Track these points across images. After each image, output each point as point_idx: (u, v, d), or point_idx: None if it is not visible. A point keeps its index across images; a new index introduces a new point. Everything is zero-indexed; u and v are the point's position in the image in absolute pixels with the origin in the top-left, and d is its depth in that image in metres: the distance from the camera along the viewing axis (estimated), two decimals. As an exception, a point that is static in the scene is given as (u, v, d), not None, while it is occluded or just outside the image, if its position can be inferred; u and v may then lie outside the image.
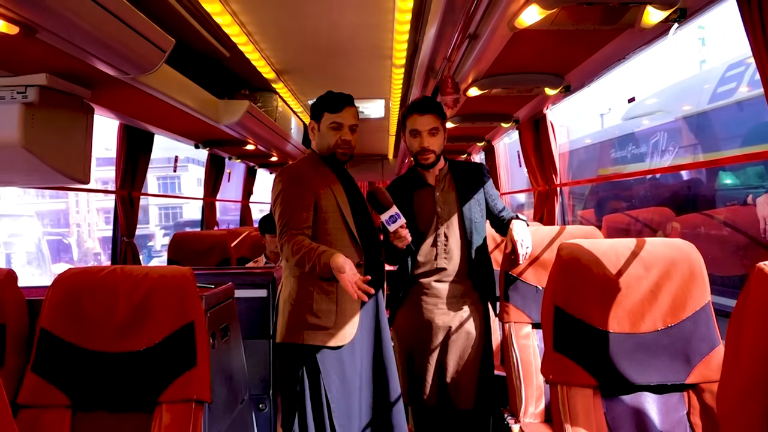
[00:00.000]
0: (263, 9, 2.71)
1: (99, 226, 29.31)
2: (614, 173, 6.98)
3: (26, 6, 1.54)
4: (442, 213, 2.55)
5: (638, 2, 1.63)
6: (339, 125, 2.34)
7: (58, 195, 27.49)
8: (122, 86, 2.45)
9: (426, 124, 2.47)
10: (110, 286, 1.87)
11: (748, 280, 0.98)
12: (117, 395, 1.80)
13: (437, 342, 2.55)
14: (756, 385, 0.93)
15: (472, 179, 2.60)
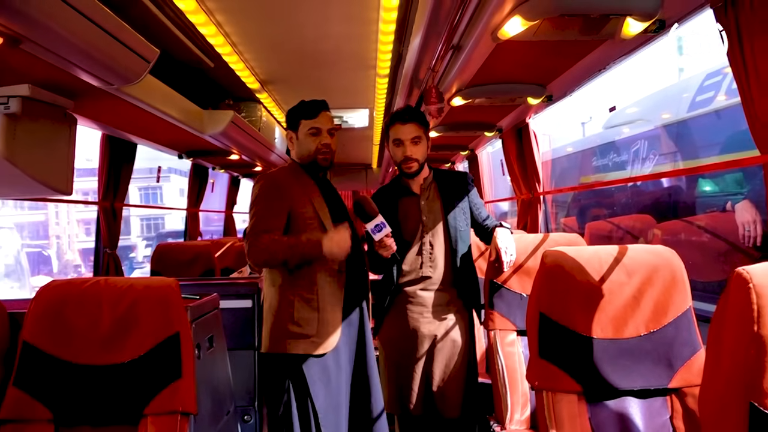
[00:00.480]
0: (248, 20, 2.72)
1: (79, 237, 29.00)
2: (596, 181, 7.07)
3: (10, 17, 1.53)
4: (427, 222, 2.56)
5: (618, 14, 1.67)
6: (318, 130, 2.34)
7: (37, 206, 27.14)
8: (106, 97, 2.43)
9: (409, 133, 2.48)
10: (94, 297, 1.86)
11: (727, 285, 1.01)
12: (101, 408, 1.79)
13: (423, 351, 2.54)
14: (736, 389, 0.95)
15: (456, 188, 2.61)
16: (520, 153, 4.02)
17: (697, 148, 5.20)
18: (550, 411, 1.78)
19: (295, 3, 2.55)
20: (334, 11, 2.66)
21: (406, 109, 2.55)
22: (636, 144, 6.16)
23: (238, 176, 7.13)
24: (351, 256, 2.33)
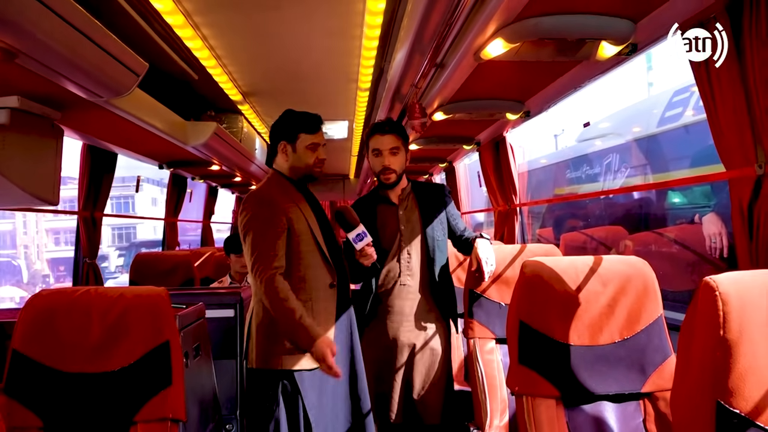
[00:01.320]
0: (233, 34, 2.77)
1: (48, 247, 28.54)
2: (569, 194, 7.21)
3: (7, 32, 1.57)
4: (405, 231, 2.60)
5: (593, 38, 1.77)
6: (316, 145, 2.34)
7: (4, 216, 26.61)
8: (93, 108, 2.46)
9: (387, 143, 2.53)
10: (84, 306, 1.88)
11: (695, 294, 1.09)
12: (91, 416, 1.81)
13: (402, 359, 2.58)
14: (705, 390, 1.03)
15: (434, 199, 2.66)
16: (497, 165, 4.12)
17: (666, 161, 5.35)
18: (529, 415, 1.85)
19: (279, 18, 2.61)
20: (317, 26, 2.72)
21: (387, 121, 2.60)
22: (608, 157, 6.32)
23: (216, 186, 7.15)
24: (338, 270, 2.35)
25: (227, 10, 2.47)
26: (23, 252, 27.45)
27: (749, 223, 1.68)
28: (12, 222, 27.79)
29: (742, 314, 1.00)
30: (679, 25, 1.63)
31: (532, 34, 1.71)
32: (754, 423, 0.97)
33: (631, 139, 5.91)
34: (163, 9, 2.30)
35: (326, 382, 2.28)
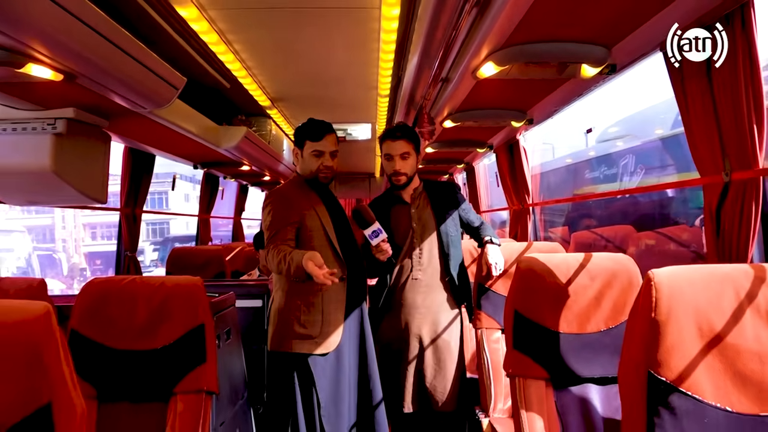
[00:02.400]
0: (262, 48, 3.01)
1: (85, 241, 29.11)
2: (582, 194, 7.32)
3: (70, 58, 1.85)
4: (417, 228, 2.73)
5: (574, 62, 1.97)
6: (320, 152, 2.48)
7: (43, 210, 27.23)
8: (135, 116, 2.73)
9: (398, 149, 2.65)
10: (131, 293, 2.12)
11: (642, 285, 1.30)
12: (138, 387, 2.04)
13: (415, 350, 2.71)
14: (640, 365, 1.23)
15: (445, 197, 2.79)
16: (511, 167, 4.30)
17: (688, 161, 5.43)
18: (521, 394, 2.04)
19: (303, 33, 2.83)
20: (338, 40, 2.94)
21: (397, 127, 2.72)
22: (625, 158, 6.42)
23: (247, 185, 7.41)
24: (351, 264, 2.52)
25: (257, 28, 2.72)
26: (62, 246, 28.02)
27: (717, 224, 1.87)
28: (51, 216, 28.33)
29: (671, 300, 1.21)
30: (656, 46, 1.82)
31: (519, 58, 1.92)
32: (677, 389, 1.18)
33: (649, 140, 6.01)
34: (200, 29, 2.57)
35: (337, 369, 2.45)
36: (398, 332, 2.74)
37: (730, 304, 1.21)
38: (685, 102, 1.93)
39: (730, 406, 1.17)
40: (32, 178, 2.46)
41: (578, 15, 1.72)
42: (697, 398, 1.17)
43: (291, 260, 2.24)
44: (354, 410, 2.53)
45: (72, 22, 1.71)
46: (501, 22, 1.71)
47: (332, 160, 2.53)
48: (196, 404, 2.03)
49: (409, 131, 2.70)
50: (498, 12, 1.65)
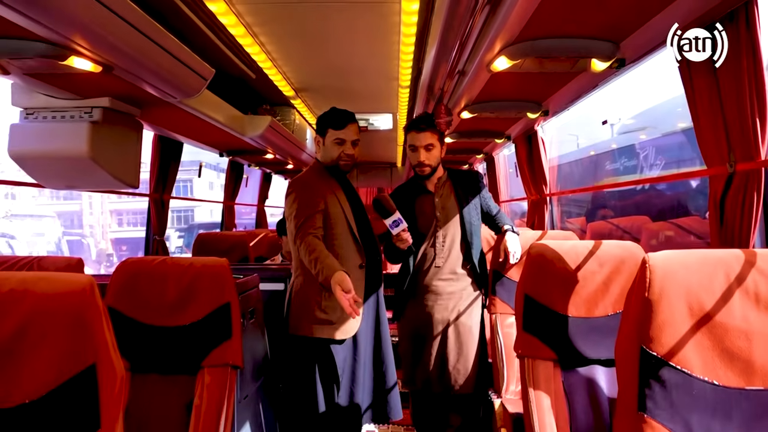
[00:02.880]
0: (287, 40, 3.11)
1: (112, 227, 29.62)
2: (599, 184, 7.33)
3: (108, 50, 1.98)
4: (441, 216, 2.77)
5: (583, 57, 2.04)
6: (342, 141, 2.54)
7: (71, 196, 27.66)
8: (166, 106, 2.86)
9: (422, 140, 2.70)
10: (162, 272, 2.24)
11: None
12: (167, 360, 2.16)
13: (437, 334, 2.77)
14: (633, 341, 1.32)
15: (469, 185, 2.83)
16: (529, 158, 4.37)
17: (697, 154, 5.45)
18: (529, 374, 2.12)
19: (327, 26, 2.92)
20: (360, 32, 3.02)
21: (423, 118, 2.76)
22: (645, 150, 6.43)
23: (270, 173, 7.55)
24: (369, 251, 2.59)
25: (282, 21, 2.82)
26: (89, 231, 28.50)
27: (721, 213, 1.94)
28: (79, 203, 28.85)
29: (664, 281, 1.29)
30: (663, 41, 1.89)
31: (531, 53, 1.99)
32: (667, 363, 1.27)
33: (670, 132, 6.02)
34: (228, 23, 2.68)
35: (355, 353, 2.54)
36: (422, 318, 2.80)
37: (720, 286, 1.30)
38: (693, 96, 1.99)
39: (717, 380, 1.26)
40: (70, 163, 2.61)
41: (586, 12, 1.79)
42: (686, 372, 1.26)
43: (321, 270, 2.28)
44: (369, 393, 2.62)
45: (111, 17, 1.84)
46: (512, 19, 1.79)
47: (353, 148, 2.58)
48: (222, 377, 2.15)
49: (434, 122, 2.76)
50: (509, 9, 1.73)
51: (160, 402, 2.16)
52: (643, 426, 1.27)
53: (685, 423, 1.25)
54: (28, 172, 2.69)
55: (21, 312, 1.27)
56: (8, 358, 1.25)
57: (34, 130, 2.58)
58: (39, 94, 2.55)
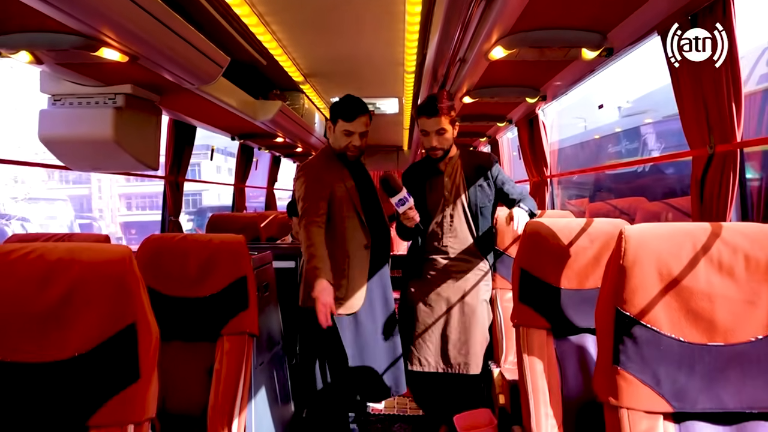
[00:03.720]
0: (297, 28, 3.26)
1: (120, 211, 29.83)
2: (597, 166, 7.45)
3: (134, 42, 2.14)
4: (449, 197, 2.79)
5: (573, 46, 2.18)
6: (350, 132, 2.64)
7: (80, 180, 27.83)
8: (183, 92, 3.02)
9: (433, 125, 2.71)
10: (183, 248, 2.39)
11: (618, 238, 1.55)
12: (189, 329, 2.32)
13: (442, 312, 2.81)
14: (609, 302, 1.48)
15: (479, 166, 2.82)
16: (531, 141, 4.52)
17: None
18: (524, 342, 2.27)
19: (335, 15, 3.06)
20: (366, 21, 3.16)
21: (432, 104, 2.72)
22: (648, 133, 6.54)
23: (280, 156, 7.70)
24: (375, 232, 2.70)
25: (293, 10, 2.97)
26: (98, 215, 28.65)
27: (701, 191, 2.09)
28: (88, 187, 29.01)
29: (637, 250, 1.46)
30: (648, 31, 2.04)
31: (524, 43, 2.14)
32: (639, 322, 1.44)
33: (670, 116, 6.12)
34: (242, 13, 2.83)
35: (362, 328, 2.68)
36: (429, 295, 2.85)
37: (687, 254, 1.45)
38: (678, 83, 2.14)
39: (683, 336, 1.43)
40: (95, 146, 2.78)
41: (575, 4, 1.94)
42: (655, 330, 1.43)
43: (311, 269, 2.51)
44: (376, 368, 2.74)
45: (137, 10, 2.00)
46: (507, 11, 1.94)
47: (360, 140, 2.68)
48: (240, 344, 2.31)
49: (447, 106, 2.75)
50: (504, 2, 1.88)
51: (183, 367, 2.32)
52: (617, 377, 1.44)
53: (654, 374, 1.42)
54: (56, 155, 2.87)
55: (69, 278, 1.46)
56: (60, 317, 1.45)
57: (61, 116, 2.75)
58: (66, 81, 2.71)
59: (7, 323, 1.45)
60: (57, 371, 1.45)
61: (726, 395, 1.41)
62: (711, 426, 1.43)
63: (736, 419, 1.43)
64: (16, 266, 1.48)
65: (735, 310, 1.42)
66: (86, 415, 1.43)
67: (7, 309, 1.45)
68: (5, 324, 1.45)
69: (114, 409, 1.45)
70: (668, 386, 1.42)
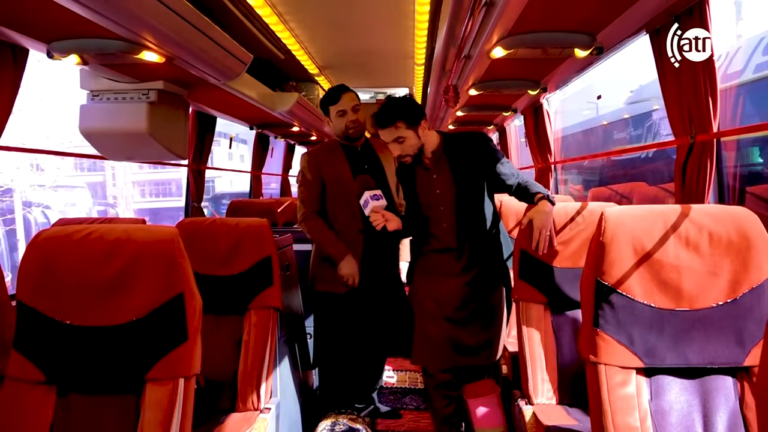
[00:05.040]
0: (313, 25, 3.50)
1: (134, 198, 30.11)
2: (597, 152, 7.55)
3: (171, 45, 2.38)
4: (441, 193, 2.54)
5: (565, 46, 2.39)
6: (343, 111, 2.73)
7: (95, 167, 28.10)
8: (209, 86, 3.26)
9: (389, 136, 2.43)
10: (213, 231, 2.58)
11: (601, 219, 1.77)
12: (220, 304, 2.50)
13: (447, 313, 2.58)
14: (591, 274, 1.72)
15: (467, 154, 2.50)
16: (536, 129, 4.71)
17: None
18: (523, 315, 2.42)
19: (349, 13, 3.30)
20: (378, 18, 3.40)
21: (379, 113, 2.44)
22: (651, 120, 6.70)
23: (294, 144, 7.93)
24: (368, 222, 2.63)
25: (310, 9, 3.21)
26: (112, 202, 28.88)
27: (683, 177, 2.31)
28: (102, 174, 29.30)
29: (615, 228, 1.68)
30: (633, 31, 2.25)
31: (522, 44, 2.35)
32: (615, 290, 1.67)
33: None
34: (263, 13, 3.07)
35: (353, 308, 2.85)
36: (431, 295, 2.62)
37: (659, 232, 1.68)
38: (664, 78, 2.36)
39: (654, 303, 1.65)
40: (130, 138, 3.03)
41: (566, 9, 2.14)
42: (630, 297, 1.66)
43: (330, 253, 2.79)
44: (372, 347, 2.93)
45: (174, 17, 2.24)
46: (504, 17, 2.16)
47: (355, 114, 2.75)
48: (266, 318, 2.51)
49: (393, 110, 2.41)
50: (502, 8, 2.10)
51: (215, 338, 2.53)
52: (596, 338, 1.67)
53: (628, 335, 1.65)
54: (95, 146, 3.12)
55: (126, 254, 1.72)
56: (120, 288, 1.71)
57: (100, 110, 2.99)
58: (103, 78, 2.96)
59: (76, 293, 1.71)
60: (118, 333, 1.71)
61: (690, 353, 1.64)
62: (677, 379, 1.66)
63: (698, 373, 1.66)
64: (81, 245, 1.74)
65: (699, 280, 1.64)
66: (144, 370, 1.70)
67: (75, 281, 1.71)
68: (74, 294, 1.71)
69: (167, 365, 1.71)
70: (641, 345, 1.65)
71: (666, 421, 1.63)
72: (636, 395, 1.64)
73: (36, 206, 14.59)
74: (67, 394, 1.74)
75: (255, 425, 2.25)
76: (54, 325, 1.71)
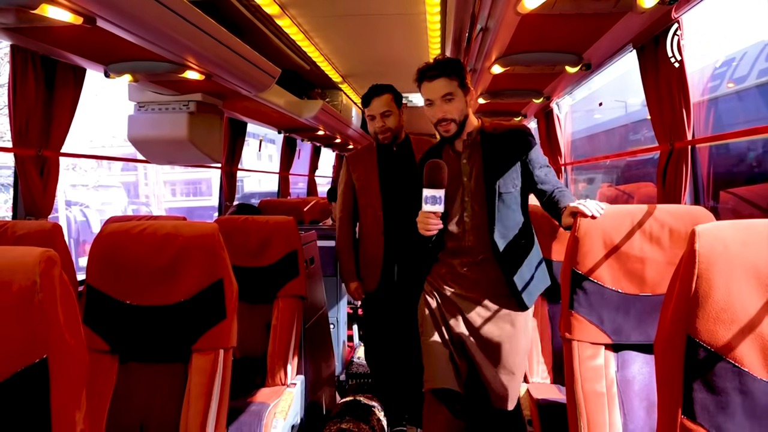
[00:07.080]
0: (336, 38, 3.81)
1: (165, 197, 30.56)
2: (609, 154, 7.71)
3: (209, 64, 2.71)
4: (468, 184, 2.19)
5: (556, 64, 2.65)
6: (372, 117, 2.77)
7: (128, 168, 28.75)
8: (241, 97, 3.61)
9: (438, 90, 2.12)
10: (245, 227, 2.87)
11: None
12: (251, 293, 2.77)
13: (461, 332, 2.25)
14: (568, 265, 2.01)
15: (505, 145, 2.16)
16: (547, 132, 4.97)
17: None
18: None
19: (369, 31, 3.61)
20: (396, 35, 3.71)
21: (433, 64, 2.15)
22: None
23: (320, 146, 8.25)
24: (391, 223, 2.82)
25: (333, 25, 3.52)
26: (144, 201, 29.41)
27: (663, 180, 2.57)
28: (135, 174, 29.91)
29: (588, 226, 1.96)
30: (616, 50, 2.52)
31: (517, 63, 2.61)
32: (587, 278, 1.94)
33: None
34: (291, 32, 3.40)
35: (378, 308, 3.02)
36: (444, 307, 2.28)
37: (626, 228, 1.94)
38: (647, 90, 2.62)
39: (621, 289, 1.93)
40: (172, 144, 3.38)
41: (551, 35, 2.39)
42: (600, 284, 1.93)
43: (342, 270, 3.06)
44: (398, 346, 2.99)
45: (212, 41, 2.58)
46: (498, 39, 2.41)
47: (383, 119, 2.72)
48: (292, 305, 2.80)
49: (450, 64, 2.13)
50: (494, 34, 2.36)
51: (247, 323, 2.79)
52: (571, 318, 1.95)
53: (598, 316, 1.93)
54: (141, 151, 3.49)
55: (176, 246, 2.06)
56: (170, 274, 2.05)
57: (145, 120, 3.36)
58: (148, 91, 3.32)
59: (135, 278, 2.07)
60: (169, 312, 2.06)
61: (652, 331, 1.89)
62: (640, 354, 1.94)
63: (658, 349, 1.93)
64: (138, 238, 2.09)
65: (660, 270, 1.91)
66: (191, 342, 2.04)
67: (134, 268, 2.06)
68: (134, 279, 2.07)
69: (209, 338, 2.05)
70: (609, 324, 1.93)
71: (629, 389, 1.90)
72: (604, 366, 1.92)
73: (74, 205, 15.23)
74: (127, 362, 2.09)
75: (282, 397, 2.57)
76: (117, 305, 2.06)
